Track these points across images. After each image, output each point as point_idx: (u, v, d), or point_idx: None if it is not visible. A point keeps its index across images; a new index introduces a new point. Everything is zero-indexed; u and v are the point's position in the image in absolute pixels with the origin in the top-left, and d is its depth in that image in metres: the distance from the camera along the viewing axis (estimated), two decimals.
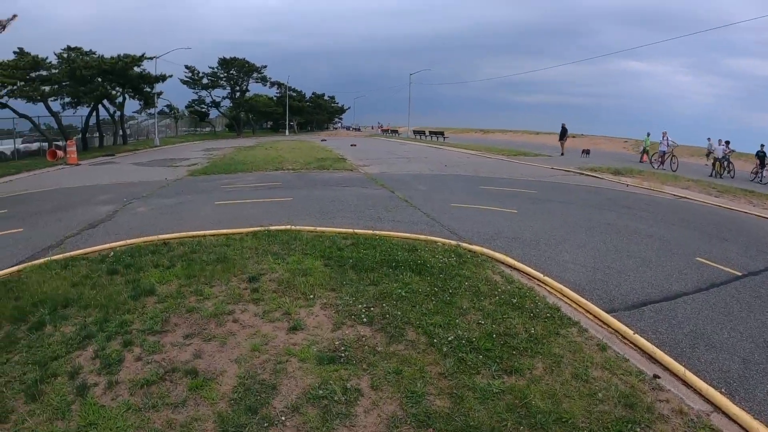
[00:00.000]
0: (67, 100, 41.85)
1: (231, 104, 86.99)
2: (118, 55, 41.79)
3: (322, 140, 58.89)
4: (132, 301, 6.40)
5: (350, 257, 7.80)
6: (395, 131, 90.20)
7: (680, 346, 5.77)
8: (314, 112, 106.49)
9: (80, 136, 42.59)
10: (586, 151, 36.92)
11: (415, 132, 77.61)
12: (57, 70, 39.31)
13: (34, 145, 39.26)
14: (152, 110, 55.58)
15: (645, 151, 35.45)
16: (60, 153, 33.20)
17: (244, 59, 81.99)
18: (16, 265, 8.41)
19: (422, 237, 9.39)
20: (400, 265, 7.48)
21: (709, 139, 35.59)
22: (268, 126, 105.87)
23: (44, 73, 38.63)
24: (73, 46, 42.37)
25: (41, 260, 8.33)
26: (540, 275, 7.60)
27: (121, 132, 50.19)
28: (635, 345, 5.69)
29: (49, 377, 5.01)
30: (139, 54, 43.42)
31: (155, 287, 6.80)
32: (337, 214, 11.79)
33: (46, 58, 38.56)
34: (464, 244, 8.94)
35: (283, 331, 5.63)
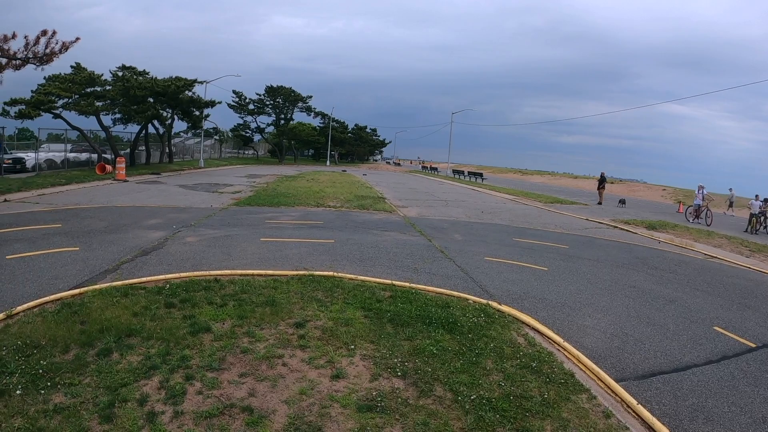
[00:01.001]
0: (117, 116, 44.02)
1: (275, 131, 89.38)
2: (171, 78, 43.63)
3: (363, 174, 60.20)
4: (191, 336, 6.85)
5: (388, 310, 8.11)
6: (435, 168, 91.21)
7: (680, 418, 5.96)
8: (356, 144, 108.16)
9: (128, 151, 44.11)
10: (622, 201, 36.71)
11: (454, 171, 78.35)
12: (110, 87, 41.37)
13: (83, 156, 40.63)
14: (199, 132, 56.99)
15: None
16: (109, 167, 34.49)
17: (290, 88, 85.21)
18: (78, 287, 8.94)
19: (455, 294, 9.63)
20: (434, 322, 7.80)
21: (731, 189, 35.54)
22: (309, 154, 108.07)
23: (98, 89, 40.59)
24: (127, 65, 44.88)
25: (102, 285, 8.91)
26: (560, 340, 7.89)
27: (167, 150, 51.74)
28: (637, 415, 5.93)
29: (120, 402, 5.56)
30: (190, 78, 45.36)
31: (211, 325, 7.24)
32: (376, 261, 12.01)
33: (102, 75, 40.56)
34: (493, 304, 9.20)
35: (327, 378, 6.03)
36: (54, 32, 22.25)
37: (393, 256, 12.76)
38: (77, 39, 23.13)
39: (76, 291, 8.64)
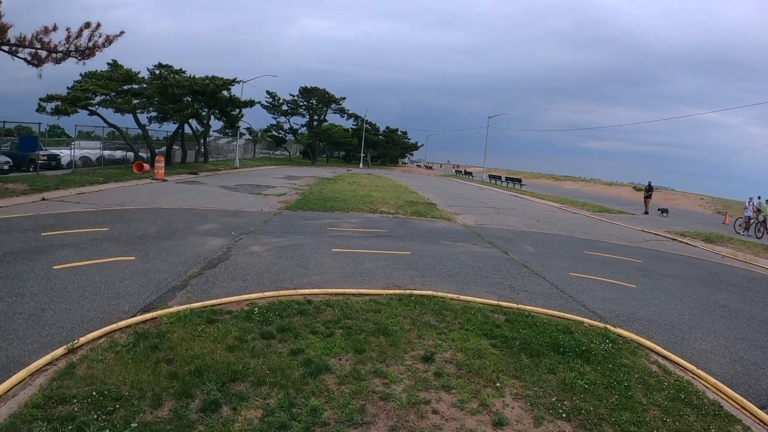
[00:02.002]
0: (152, 114, 43.52)
1: (308, 132, 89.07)
2: (208, 77, 43.03)
3: (401, 178, 59.69)
4: (311, 379, 5.80)
5: (513, 337, 7.52)
6: (469, 173, 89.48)
7: None
8: (387, 147, 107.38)
9: (164, 149, 43.70)
10: (664, 211, 36.28)
11: (491, 176, 76.47)
12: (146, 85, 40.87)
13: (117, 153, 40.37)
14: (230, 131, 55.48)
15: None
16: (146, 166, 33.88)
17: (324, 90, 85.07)
18: (147, 310, 8.01)
19: (570, 316, 9.07)
20: (567, 351, 7.23)
21: (751, 198, 33.31)
22: (340, 156, 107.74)
23: (135, 86, 40.12)
24: (164, 63, 44.45)
25: (177, 308, 7.84)
26: (693, 368, 7.50)
27: (201, 150, 51.43)
28: None
29: None
30: (225, 77, 44.36)
31: (328, 363, 6.26)
32: (466, 277, 11.42)
33: (138, 72, 40.20)
34: (610, 328, 8.66)
35: (489, 426, 5.27)
36: (98, 24, 21.09)
37: (479, 270, 12.21)
38: (121, 33, 22.17)
39: (149, 315, 7.56)
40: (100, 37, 21.80)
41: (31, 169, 30.56)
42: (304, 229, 16.08)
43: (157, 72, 40.45)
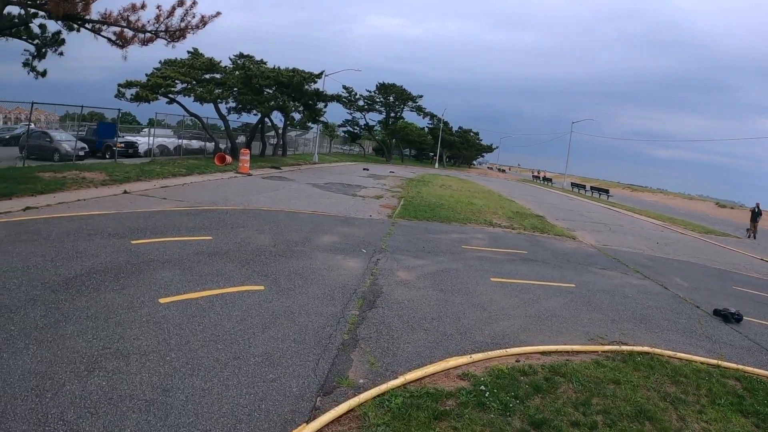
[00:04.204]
0: (232, 105, 41.87)
1: (383, 129, 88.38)
2: (294, 69, 41.41)
3: (483, 181, 57.83)
4: None
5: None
6: (548, 179, 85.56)
7: None
8: (461, 147, 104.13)
9: (243, 141, 42.77)
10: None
11: (574, 184, 71.97)
12: (223, 75, 39.35)
13: (194, 143, 39.16)
14: (314, 126, 57.07)
15: None
16: (229, 158, 32.27)
17: (401, 87, 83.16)
18: (329, 391, 5.84)
19: None
20: None
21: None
22: (411, 154, 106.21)
23: (217, 76, 38.67)
24: (245, 53, 43.04)
25: (374, 391, 5.79)
26: None
27: (281, 143, 50.35)
28: None
29: None
30: (307, 71, 42.81)
31: None
32: (652, 322, 10.08)
33: (220, 61, 38.93)
34: None
35: None
36: (194, 2, 18.24)
37: (657, 311, 10.89)
38: (218, 13, 19.56)
39: (343, 409, 5.38)
40: (193, 17, 19.09)
41: (107, 156, 29.37)
42: (437, 247, 14.40)
43: (240, 62, 39.53)
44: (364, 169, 37.76)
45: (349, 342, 7.24)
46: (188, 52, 37.97)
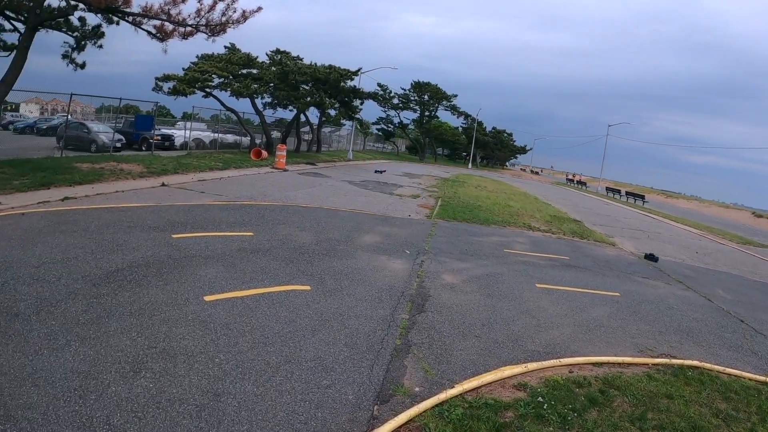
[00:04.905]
0: (267, 100, 42.13)
1: (417, 127, 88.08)
2: (331, 66, 41.56)
3: (518, 183, 57.32)
4: None
5: None
6: (582, 183, 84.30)
7: None
8: (495, 148, 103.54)
9: (281, 137, 42.64)
10: None
11: (609, 189, 70.81)
12: (259, 71, 39.56)
13: (229, 137, 39.34)
14: (347, 123, 56.54)
15: None
16: (264, 153, 32.31)
17: (436, 86, 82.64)
18: (386, 399, 5.60)
19: None
20: None
21: None
22: (444, 153, 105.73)
23: (254, 71, 38.88)
24: (281, 49, 43.08)
25: (433, 400, 5.58)
26: None
27: (315, 139, 50.55)
28: None
29: None
30: (344, 68, 43.05)
31: None
32: (699, 335, 9.70)
33: (257, 57, 39.10)
34: None
35: None
36: None
37: (703, 324, 10.51)
38: (259, 8, 19.41)
39: (403, 419, 5.14)
40: (234, 12, 18.96)
41: (143, 148, 29.52)
42: (480, 250, 14.22)
43: (277, 57, 39.68)
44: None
45: (402, 348, 7.00)
46: (225, 47, 38.38)
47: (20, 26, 17.78)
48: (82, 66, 20.55)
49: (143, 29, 18.61)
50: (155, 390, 5.01)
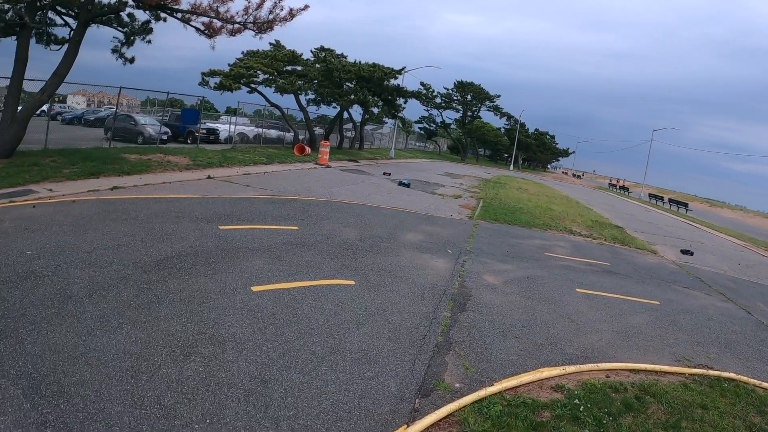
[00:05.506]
0: (310, 96, 42.35)
1: (459, 127, 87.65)
2: (375, 64, 41.50)
3: (560, 186, 56.89)
4: None
5: None
6: (625, 188, 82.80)
7: None
8: (537, 150, 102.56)
9: (324, 133, 42.84)
10: None
11: (651, 195, 68.93)
12: (307, 67, 39.89)
13: (272, 132, 39.83)
14: (389, 121, 56.60)
15: None
16: (308, 149, 32.62)
17: (479, 86, 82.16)
18: (427, 393, 5.76)
19: None
20: None
21: None
22: (485, 154, 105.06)
23: (299, 68, 39.18)
24: (325, 47, 43.09)
25: (473, 396, 5.76)
26: None
27: (358, 136, 50.72)
28: None
29: None
30: (387, 66, 42.75)
31: None
32: (737, 348, 9.52)
33: (302, 54, 39.40)
34: None
35: None
36: None
37: (741, 337, 10.29)
38: (306, 7, 19.59)
39: (443, 412, 5.32)
40: (281, 10, 19.26)
41: (189, 141, 30.29)
42: (521, 252, 14.22)
43: (321, 55, 39.41)
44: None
45: (443, 344, 7.10)
46: (270, 43, 38.76)
47: (71, 21, 18.30)
48: (132, 60, 21.07)
49: (192, 26, 19.01)
50: (205, 373, 5.18)
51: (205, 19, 18.59)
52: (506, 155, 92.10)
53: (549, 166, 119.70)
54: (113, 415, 4.40)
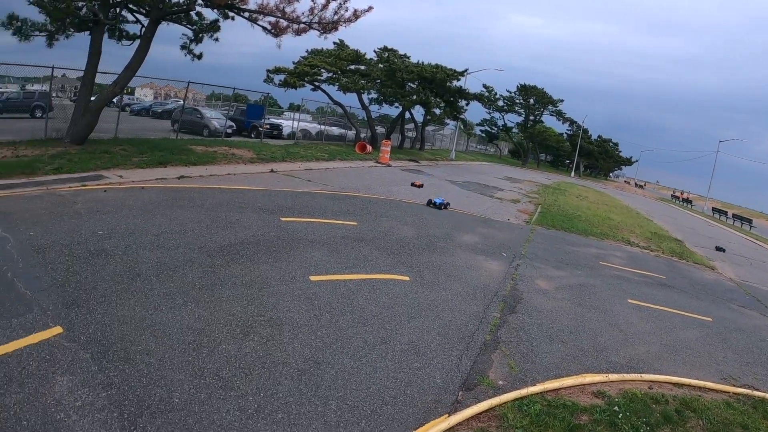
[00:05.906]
0: (373, 96, 42.65)
1: (521, 131, 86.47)
2: (437, 65, 41.63)
3: (621, 196, 55.47)
4: None
5: None
6: (688, 201, 79.98)
7: None
8: (599, 157, 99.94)
9: (386, 132, 43.25)
10: None
11: (715, 209, 66.25)
12: (370, 67, 40.28)
13: (334, 130, 40.33)
14: (451, 122, 56.66)
15: None
16: (369, 148, 32.97)
17: (543, 90, 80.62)
18: (471, 387, 5.98)
19: None
20: None
21: None
22: (546, 159, 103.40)
23: (362, 67, 39.54)
24: (389, 47, 43.37)
25: (515, 394, 5.94)
26: None
27: (419, 137, 50.71)
28: None
29: None
30: (450, 68, 42.86)
31: None
32: None
33: (365, 54, 39.58)
34: None
35: None
36: None
37: None
38: (370, 8, 19.96)
39: (483, 406, 5.58)
40: (346, 11, 19.68)
41: (252, 136, 30.86)
42: (576, 260, 14.17)
43: (384, 55, 39.85)
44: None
45: (491, 343, 7.27)
46: (334, 43, 39.10)
47: (142, 18, 19.17)
48: (200, 57, 21.85)
49: (259, 25, 19.61)
50: (262, 352, 5.52)
51: (272, 19, 19.14)
52: (567, 161, 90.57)
53: (611, 174, 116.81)
54: (174, 383, 4.77)
